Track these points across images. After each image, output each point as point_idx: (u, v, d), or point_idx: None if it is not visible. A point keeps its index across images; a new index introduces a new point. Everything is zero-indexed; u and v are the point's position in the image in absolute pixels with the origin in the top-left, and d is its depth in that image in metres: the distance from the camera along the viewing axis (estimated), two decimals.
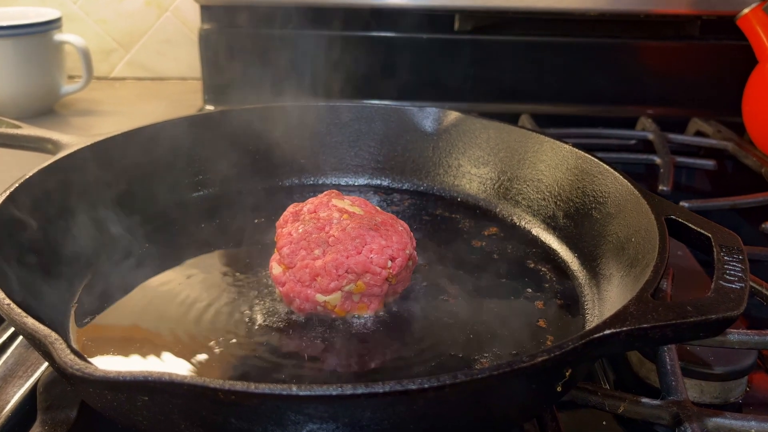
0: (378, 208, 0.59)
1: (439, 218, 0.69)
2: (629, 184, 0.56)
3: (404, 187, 0.74)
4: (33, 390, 0.48)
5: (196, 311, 0.52)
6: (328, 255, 0.52)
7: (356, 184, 0.75)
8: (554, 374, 0.39)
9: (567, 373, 0.39)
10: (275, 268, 0.54)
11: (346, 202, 0.57)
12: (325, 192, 0.60)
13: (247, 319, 0.51)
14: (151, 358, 0.47)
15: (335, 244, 0.52)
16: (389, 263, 0.51)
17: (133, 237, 0.62)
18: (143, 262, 0.59)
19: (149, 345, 0.48)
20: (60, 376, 0.44)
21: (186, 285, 0.56)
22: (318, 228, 0.54)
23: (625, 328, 0.38)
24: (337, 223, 0.54)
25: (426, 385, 0.33)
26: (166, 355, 0.47)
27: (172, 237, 0.64)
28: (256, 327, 0.51)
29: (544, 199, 0.66)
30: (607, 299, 0.53)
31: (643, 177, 0.90)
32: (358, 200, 0.59)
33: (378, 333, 0.51)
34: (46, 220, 0.55)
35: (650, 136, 0.95)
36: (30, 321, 0.39)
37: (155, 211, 0.66)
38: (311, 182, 0.75)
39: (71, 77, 1.12)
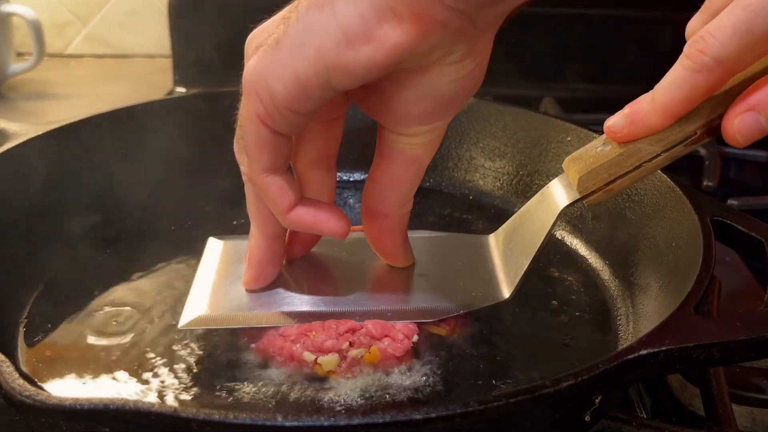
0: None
1: (447, 220, 0.69)
2: (669, 179, 0.56)
3: None
4: None
5: (157, 330, 0.52)
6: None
7: (351, 180, 0.75)
8: (582, 401, 0.39)
9: (597, 400, 0.39)
10: None
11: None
12: None
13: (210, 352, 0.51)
14: (112, 382, 0.47)
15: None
16: (415, 336, 0.49)
17: (92, 243, 0.62)
18: (102, 272, 0.59)
19: (109, 367, 0.48)
20: (7, 403, 0.44)
21: (149, 298, 0.56)
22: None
23: (664, 348, 0.38)
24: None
25: (433, 415, 0.33)
26: (129, 380, 0.47)
27: (137, 243, 0.63)
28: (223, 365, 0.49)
29: None
30: (643, 314, 0.53)
31: (684, 171, 0.90)
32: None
33: None
34: None
35: None
36: None
37: (117, 210, 0.66)
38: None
39: (20, 55, 1.12)
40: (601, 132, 0.45)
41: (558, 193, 0.47)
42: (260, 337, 0.50)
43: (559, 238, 0.65)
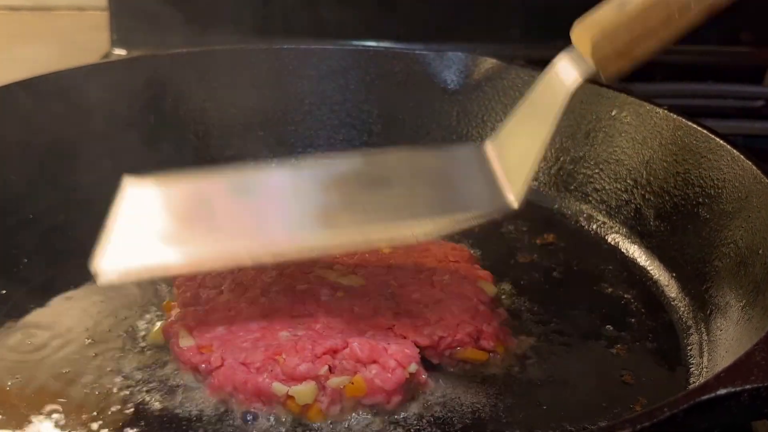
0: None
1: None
2: (755, 167, 0.56)
3: None
4: None
5: (91, 369, 0.52)
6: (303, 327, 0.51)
7: None
8: None
9: None
10: (183, 339, 0.52)
11: (334, 272, 0.57)
12: None
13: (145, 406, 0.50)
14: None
15: (323, 331, 0.51)
16: (413, 365, 0.50)
17: (2, 252, 0.63)
18: (16, 290, 0.60)
19: (22, 413, 0.49)
20: None
21: (78, 328, 0.56)
22: (291, 303, 0.54)
23: (748, 386, 0.38)
24: (328, 300, 0.55)
25: None
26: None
27: (57, 252, 0.64)
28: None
29: (626, 191, 0.66)
30: (721, 342, 0.53)
31: None
32: (355, 256, 0.59)
33: None
34: None
35: None
36: None
37: (34, 211, 0.67)
38: (274, 164, 0.75)
39: None
40: (666, 107, 0.46)
41: (565, 70, 0.48)
42: (215, 368, 0.50)
43: (613, 244, 0.65)
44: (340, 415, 0.48)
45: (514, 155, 0.52)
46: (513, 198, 0.51)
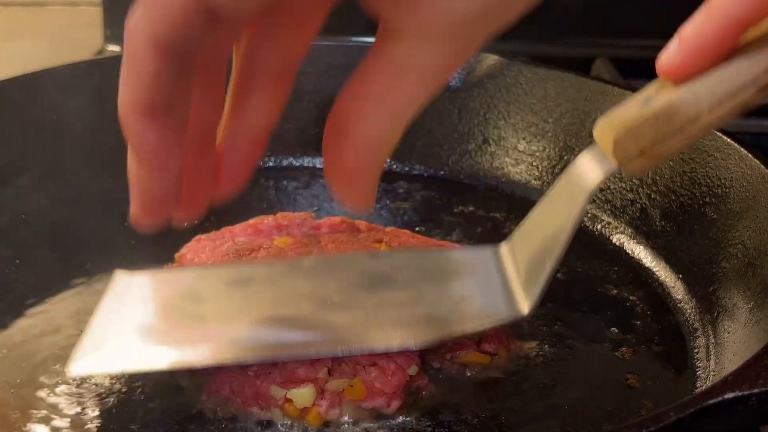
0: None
1: (469, 219, 0.69)
2: (763, 166, 0.56)
3: (415, 172, 0.75)
4: None
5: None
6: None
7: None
8: None
9: None
10: None
11: None
12: (280, 218, 0.61)
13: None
14: None
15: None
16: (414, 368, 0.50)
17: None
18: (17, 287, 0.60)
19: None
20: None
21: (60, 333, 0.56)
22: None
23: (756, 390, 0.38)
24: None
25: None
26: None
27: (60, 245, 0.64)
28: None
29: (631, 190, 0.67)
30: (728, 344, 0.53)
31: None
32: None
33: None
34: None
35: None
36: None
37: (26, 210, 0.67)
38: (271, 164, 0.75)
39: None
40: None
41: (586, 168, 0.47)
42: (212, 372, 0.50)
43: (618, 244, 0.65)
44: (339, 419, 0.48)
45: (529, 257, 0.51)
46: (525, 304, 0.50)
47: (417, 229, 0.66)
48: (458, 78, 0.74)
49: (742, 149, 0.59)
